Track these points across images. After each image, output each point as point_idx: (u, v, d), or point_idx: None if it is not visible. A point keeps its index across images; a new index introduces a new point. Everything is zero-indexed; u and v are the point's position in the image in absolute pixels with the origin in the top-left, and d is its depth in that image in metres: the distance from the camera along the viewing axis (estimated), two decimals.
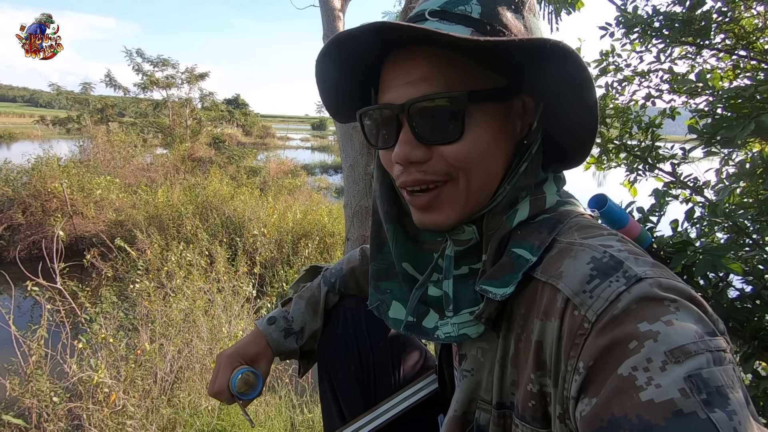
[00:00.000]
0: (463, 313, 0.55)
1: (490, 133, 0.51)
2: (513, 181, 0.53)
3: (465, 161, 0.50)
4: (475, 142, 0.50)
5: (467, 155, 0.50)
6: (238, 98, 28.71)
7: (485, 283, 0.51)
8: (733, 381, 0.34)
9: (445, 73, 0.49)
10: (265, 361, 0.84)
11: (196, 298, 2.99)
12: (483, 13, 0.49)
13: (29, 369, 2.18)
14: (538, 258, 0.48)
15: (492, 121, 0.51)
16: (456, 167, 0.51)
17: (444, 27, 0.48)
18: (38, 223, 6.27)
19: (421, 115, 0.50)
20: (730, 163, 1.66)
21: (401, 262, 0.64)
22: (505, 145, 0.53)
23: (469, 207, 0.54)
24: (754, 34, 1.63)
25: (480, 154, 0.50)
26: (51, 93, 16.53)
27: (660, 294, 0.38)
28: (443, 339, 0.56)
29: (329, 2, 2.97)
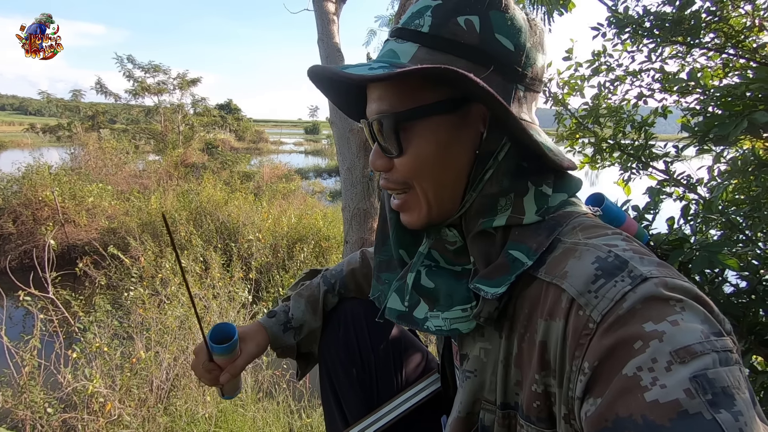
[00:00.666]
0: (455, 309, 0.56)
1: (433, 145, 0.52)
2: (478, 188, 0.53)
3: (411, 173, 0.54)
4: (417, 156, 0.53)
5: (410, 168, 0.53)
6: (231, 103, 28.63)
7: (480, 282, 0.51)
8: (740, 382, 0.34)
9: (391, 93, 0.52)
10: (253, 343, 0.82)
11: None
12: (432, 26, 0.50)
13: (22, 380, 2.15)
14: (534, 261, 0.48)
15: (437, 133, 0.52)
16: (408, 177, 0.54)
17: (396, 46, 0.52)
18: (29, 232, 6.19)
19: (376, 131, 0.54)
20: (722, 161, 1.68)
21: (398, 249, 0.66)
22: (461, 154, 0.53)
23: (434, 212, 0.56)
24: (742, 33, 1.65)
25: (425, 166, 0.53)
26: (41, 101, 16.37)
27: (665, 294, 0.38)
28: (433, 331, 0.57)
29: (323, 6, 2.97)
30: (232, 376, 0.78)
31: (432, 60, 0.50)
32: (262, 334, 0.85)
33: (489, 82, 0.48)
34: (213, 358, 0.76)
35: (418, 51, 0.50)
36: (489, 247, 0.53)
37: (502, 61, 0.50)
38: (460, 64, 0.49)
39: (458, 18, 0.50)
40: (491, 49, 0.50)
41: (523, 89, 0.52)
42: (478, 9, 0.50)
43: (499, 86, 0.50)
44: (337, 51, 2.99)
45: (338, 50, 3.00)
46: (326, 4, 2.97)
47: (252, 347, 0.82)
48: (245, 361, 0.80)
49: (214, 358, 0.76)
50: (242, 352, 0.80)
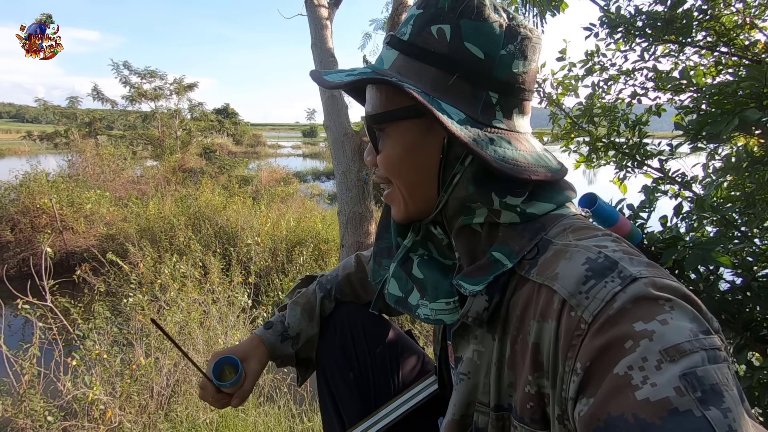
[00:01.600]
0: (440, 301, 0.58)
1: (401, 147, 0.56)
2: (449, 191, 0.55)
3: (386, 170, 0.58)
4: (388, 155, 0.57)
5: (384, 165, 0.58)
6: (228, 108, 28.63)
7: (461, 279, 0.54)
8: (728, 379, 0.34)
9: (373, 96, 0.58)
10: (255, 361, 0.84)
11: (191, 310, 2.96)
12: (411, 34, 0.54)
13: (22, 388, 2.14)
14: (515, 263, 0.50)
15: (405, 136, 0.55)
16: (385, 174, 0.59)
17: (385, 52, 0.57)
18: (27, 239, 6.18)
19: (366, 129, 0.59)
20: (716, 158, 1.69)
21: (397, 236, 0.68)
22: (426, 158, 0.55)
23: (411, 209, 0.60)
24: (734, 31, 1.67)
25: (395, 165, 0.57)
26: (37, 108, 16.38)
27: (655, 293, 0.38)
28: (422, 318, 0.60)
29: (316, 11, 2.98)
30: (243, 399, 0.81)
31: (407, 67, 0.53)
32: (261, 349, 0.85)
33: (455, 88, 0.52)
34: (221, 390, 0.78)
35: (397, 58, 0.54)
36: (474, 244, 0.55)
37: (471, 68, 0.51)
38: (430, 71, 0.52)
39: (432, 27, 0.52)
40: (459, 56, 0.51)
41: (497, 95, 0.52)
42: (450, 18, 0.51)
43: (466, 92, 0.52)
44: (330, 56, 3.00)
45: (332, 55, 3.01)
46: (319, 9, 2.99)
47: (255, 366, 0.83)
48: (252, 381, 0.82)
49: (224, 390, 0.78)
50: (247, 374, 0.81)
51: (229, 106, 29.00)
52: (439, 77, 0.52)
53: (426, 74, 0.52)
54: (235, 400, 0.80)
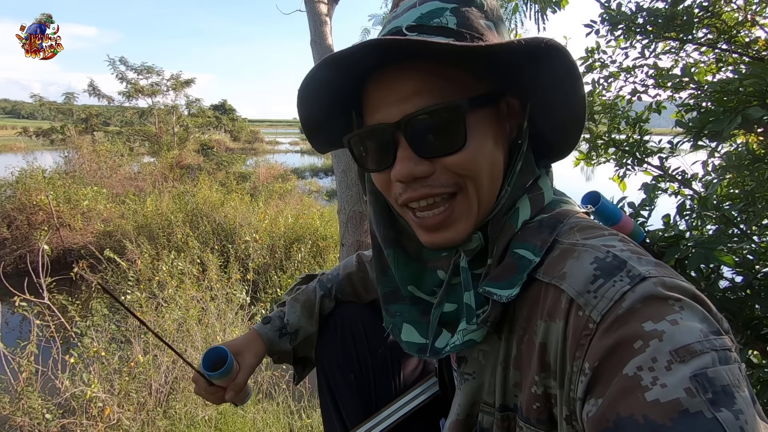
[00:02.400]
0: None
1: (490, 136, 0.51)
2: (512, 181, 0.54)
3: (471, 169, 0.50)
4: (478, 148, 0.50)
5: (472, 162, 0.50)
6: (225, 104, 28.48)
7: (489, 285, 0.50)
8: (739, 380, 0.34)
9: (437, 84, 0.49)
10: (250, 354, 0.82)
11: (189, 307, 2.95)
12: (459, 23, 0.50)
13: (20, 386, 2.13)
14: (540, 259, 0.48)
15: (488, 125, 0.52)
16: (462, 176, 0.51)
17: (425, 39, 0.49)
18: (24, 236, 6.15)
19: (419, 130, 0.49)
20: (716, 155, 1.68)
21: (406, 286, 0.63)
22: (501, 148, 0.54)
23: (481, 216, 0.54)
24: (735, 28, 1.66)
25: (484, 160, 0.51)
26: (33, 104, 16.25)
27: (664, 293, 0.38)
28: (450, 350, 0.55)
29: (315, 7, 2.96)
30: (236, 393, 0.79)
31: None
32: (258, 343, 0.84)
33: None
34: (212, 382, 0.77)
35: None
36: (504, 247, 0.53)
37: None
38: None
39: (480, 21, 0.52)
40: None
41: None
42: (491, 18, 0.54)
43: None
44: (330, 52, 2.98)
45: (331, 51, 2.99)
46: (318, 5, 2.96)
47: (250, 358, 0.82)
48: (246, 374, 0.80)
49: (215, 382, 0.77)
50: (241, 366, 0.80)
51: (227, 102, 28.85)
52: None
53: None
54: (229, 394, 0.78)
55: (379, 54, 0.48)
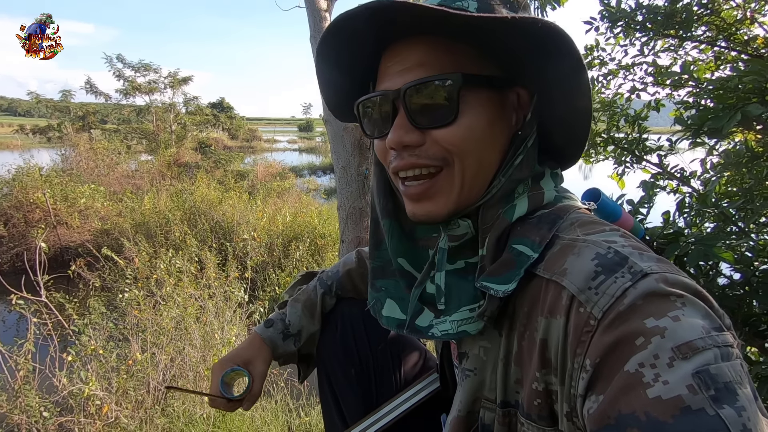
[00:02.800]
0: (462, 310, 0.54)
1: (484, 118, 0.51)
2: (508, 173, 0.53)
3: (458, 145, 0.50)
4: (468, 127, 0.50)
5: (461, 139, 0.50)
6: (223, 102, 28.41)
7: (486, 280, 0.50)
8: (741, 376, 0.34)
9: (441, 58, 0.50)
10: (260, 362, 0.83)
11: (187, 305, 2.95)
12: (479, 8, 0.50)
13: (17, 384, 2.12)
14: (539, 255, 0.48)
15: (486, 107, 0.51)
16: (450, 152, 0.51)
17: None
18: (21, 234, 6.12)
19: (416, 99, 0.50)
20: (715, 153, 1.69)
21: (397, 258, 0.63)
22: (500, 135, 0.53)
23: (464, 197, 0.53)
24: (734, 26, 1.66)
25: (473, 139, 0.51)
26: (30, 101, 16.15)
27: (666, 289, 0.38)
28: (439, 336, 0.55)
29: (315, 3, 2.95)
30: (254, 402, 0.81)
31: None
32: (264, 349, 0.84)
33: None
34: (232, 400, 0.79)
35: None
36: (498, 244, 0.52)
37: None
38: None
39: (497, 4, 0.51)
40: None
41: None
42: (514, 7, 0.53)
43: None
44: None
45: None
46: (318, 0, 2.95)
47: (261, 367, 0.83)
48: (261, 383, 0.82)
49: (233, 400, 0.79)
50: (254, 376, 0.81)
51: (225, 100, 28.79)
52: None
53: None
54: (246, 404, 0.80)
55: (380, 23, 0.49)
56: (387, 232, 0.64)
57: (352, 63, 0.56)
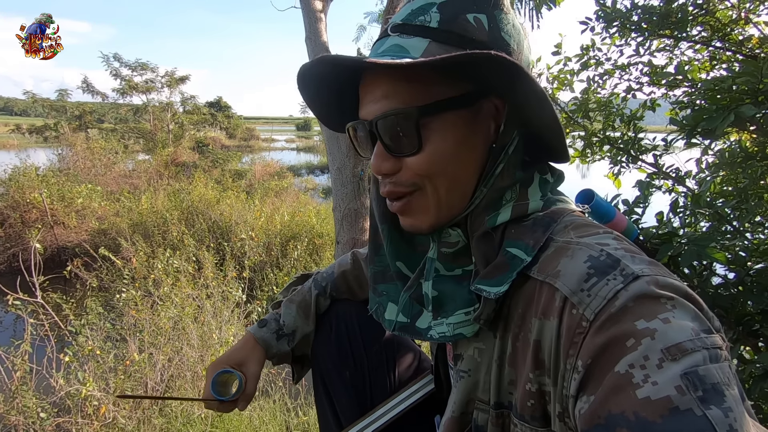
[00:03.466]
0: (458, 314, 0.55)
1: (451, 140, 0.52)
2: (489, 183, 0.54)
3: (427, 171, 0.52)
4: (434, 153, 0.52)
5: (428, 165, 0.52)
6: (221, 101, 28.32)
7: (480, 283, 0.51)
8: (729, 378, 0.34)
9: (402, 90, 0.51)
10: (253, 363, 0.83)
11: (185, 305, 2.94)
12: (441, 21, 0.50)
13: (14, 385, 2.12)
14: (532, 258, 0.48)
15: (454, 128, 0.52)
16: (421, 176, 0.53)
17: (402, 41, 0.51)
18: (17, 235, 6.10)
19: (385, 131, 0.52)
20: (710, 153, 1.70)
21: (395, 261, 0.65)
22: (474, 149, 0.53)
23: (444, 212, 0.55)
24: (729, 26, 1.67)
25: (442, 163, 0.52)
26: (26, 101, 16.07)
27: (657, 292, 0.38)
28: (437, 339, 0.56)
29: (310, 4, 2.94)
30: (248, 402, 0.82)
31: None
32: (257, 349, 0.85)
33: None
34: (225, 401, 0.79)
35: (430, 45, 0.50)
36: (489, 246, 0.53)
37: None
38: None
39: (467, 15, 0.50)
40: (498, 47, 0.51)
41: None
42: (484, 8, 0.51)
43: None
44: (325, 50, 2.96)
45: (326, 49, 2.98)
46: (313, 2, 2.95)
47: (254, 367, 0.83)
48: (254, 383, 0.82)
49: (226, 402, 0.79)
50: (248, 377, 0.81)
51: (222, 99, 28.68)
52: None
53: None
54: (241, 404, 0.81)
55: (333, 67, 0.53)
56: (385, 237, 0.65)
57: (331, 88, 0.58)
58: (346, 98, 0.59)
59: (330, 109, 0.62)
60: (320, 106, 0.62)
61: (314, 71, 0.54)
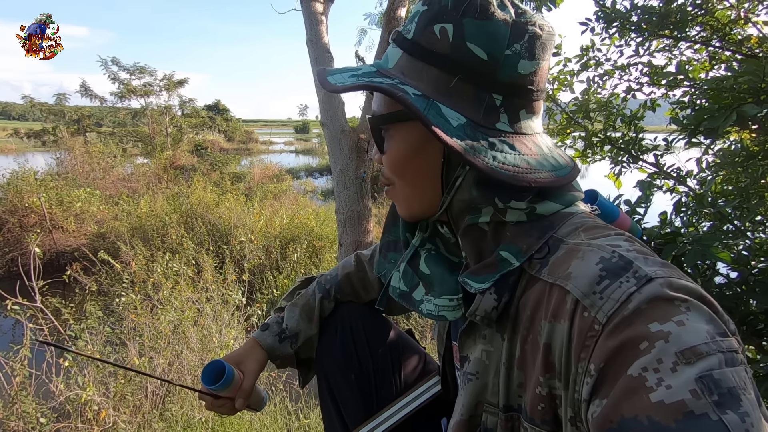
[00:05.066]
0: (444, 298, 0.58)
1: (403, 148, 0.56)
2: (451, 192, 0.55)
3: (390, 170, 0.59)
4: (393, 156, 0.57)
5: (390, 166, 0.58)
6: (219, 104, 28.34)
7: (467, 276, 0.54)
8: (745, 382, 0.34)
9: (379, 97, 0.58)
10: (252, 361, 0.83)
11: (185, 308, 2.93)
12: (415, 32, 0.53)
13: (13, 390, 2.11)
14: (522, 262, 0.49)
15: (407, 137, 0.55)
16: (390, 174, 0.59)
17: (390, 50, 0.56)
18: (16, 239, 6.07)
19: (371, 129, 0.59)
20: (710, 152, 1.70)
21: (405, 232, 0.69)
22: (429, 160, 0.55)
23: (415, 208, 0.60)
24: (728, 26, 1.67)
25: (398, 166, 0.57)
26: (24, 105, 16.07)
27: (670, 294, 0.37)
28: (425, 313, 0.60)
29: (311, 6, 2.95)
30: (246, 399, 0.81)
31: (410, 67, 0.52)
32: (258, 349, 0.85)
33: (458, 90, 0.50)
34: (218, 395, 0.78)
35: (401, 58, 0.54)
36: (481, 243, 0.54)
37: (473, 70, 0.49)
38: (432, 72, 0.51)
39: (434, 26, 0.50)
40: (462, 57, 0.49)
41: (501, 97, 0.50)
42: (453, 17, 0.49)
43: (469, 95, 0.50)
44: (326, 52, 2.96)
45: (327, 51, 2.98)
46: (314, 4, 2.95)
47: (253, 365, 0.83)
48: (251, 380, 0.81)
49: (220, 394, 0.78)
50: (245, 373, 0.81)
51: (220, 102, 28.71)
52: (442, 79, 0.50)
53: (428, 75, 0.51)
54: (239, 401, 0.80)
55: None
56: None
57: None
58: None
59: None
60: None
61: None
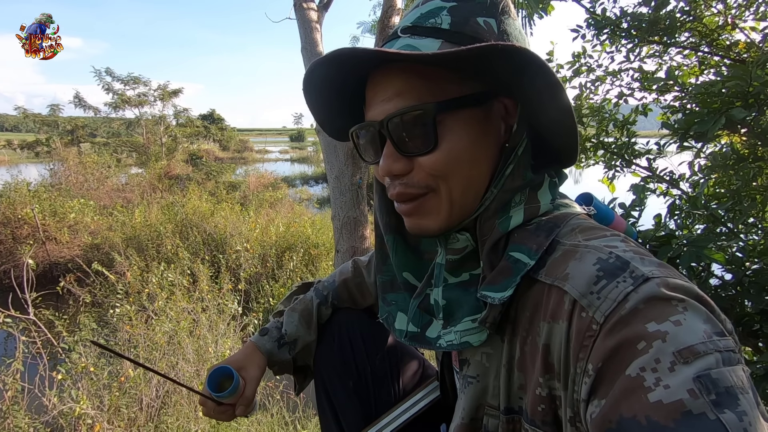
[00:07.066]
0: (465, 321, 0.54)
1: (465, 139, 0.51)
2: (500, 184, 0.53)
3: (442, 170, 0.51)
4: (450, 151, 0.51)
5: (443, 164, 0.51)
6: (214, 113, 28.36)
7: (485, 289, 0.51)
8: (743, 381, 0.34)
9: (417, 87, 0.50)
10: (253, 367, 0.82)
11: (180, 319, 2.91)
12: (453, 23, 0.51)
13: (5, 405, 2.07)
14: (536, 262, 0.48)
15: (468, 127, 0.51)
16: (435, 177, 0.52)
17: (414, 42, 0.50)
18: (8, 251, 6.02)
19: (397, 130, 0.51)
20: (702, 156, 1.72)
21: (402, 272, 0.65)
22: (487, 149, 0.53)
23: (455, 214, 0.54)
24: (716, 32, 1.70)
25: (457, 161, 0.51)
26: (17, 116, 16.02)
27: (667, 294, 0.38)
28: (446, 347, 0.55)
29: (306, 14, 2.97)
30: (247, 406, 0.79)
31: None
32: (258, 355, 0.84)
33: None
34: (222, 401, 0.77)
35: (443, 45, 0.50)
36: (497, 247, 0.53)
37: None
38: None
39: (478, 18, 0.51)
40: None
41: None
42: (493, 13, 0.52)
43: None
44: None
45: None
46: (308, 12, 2.97)
47: (254, 371, 0.82)
48: (253, 387, 0.80)
49: (224, 401, 0.77)
50: (246, 380, 0.80)
51: (215, 111, 28.73)
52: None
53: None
54: (240, 409, 0.79)
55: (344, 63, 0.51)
56: (391, 248, 0.65)
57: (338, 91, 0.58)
58: (350, 103, 0.60)
59: (333, 113, 0.62)
60: (324, 111, 0.62)
61: (322, 74, 0.53)
